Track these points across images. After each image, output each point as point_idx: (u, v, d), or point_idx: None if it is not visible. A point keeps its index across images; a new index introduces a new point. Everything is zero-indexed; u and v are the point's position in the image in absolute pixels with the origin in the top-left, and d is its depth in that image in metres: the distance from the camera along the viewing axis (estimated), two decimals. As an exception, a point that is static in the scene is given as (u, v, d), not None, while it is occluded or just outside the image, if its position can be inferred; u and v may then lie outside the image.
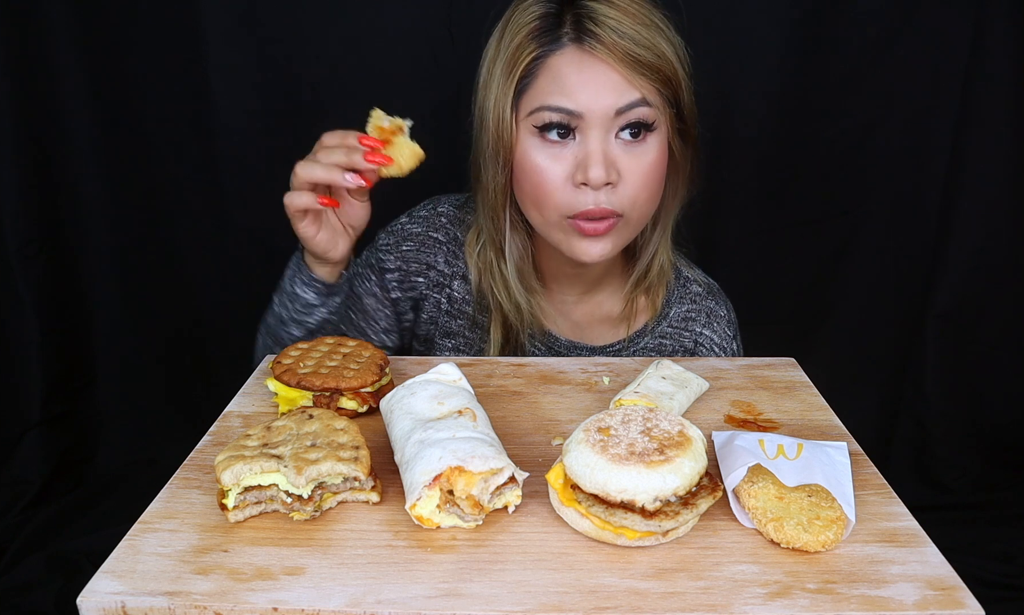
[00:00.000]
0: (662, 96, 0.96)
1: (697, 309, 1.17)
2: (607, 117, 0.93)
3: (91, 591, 0.60)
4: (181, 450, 0.80)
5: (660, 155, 0.98)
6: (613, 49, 0.91)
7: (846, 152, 1.80)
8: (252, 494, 0.68)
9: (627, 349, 1.16)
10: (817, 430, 0.84)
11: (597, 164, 0.92)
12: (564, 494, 0.67)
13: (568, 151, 0.95)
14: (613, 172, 0.94)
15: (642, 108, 0.93)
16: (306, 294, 1.01)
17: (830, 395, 0.91)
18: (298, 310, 1.02)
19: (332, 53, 1.71)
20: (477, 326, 1.15)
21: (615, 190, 0.95)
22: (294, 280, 1.02)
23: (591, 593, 0.59)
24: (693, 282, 1.19)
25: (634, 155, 0.95)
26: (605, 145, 0.93)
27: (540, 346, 1.16)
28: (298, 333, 1.05)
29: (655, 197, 1.01)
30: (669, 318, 1.16)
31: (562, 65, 0.93)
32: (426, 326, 1.19)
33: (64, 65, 1.72)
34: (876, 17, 1.68)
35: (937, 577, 0.60)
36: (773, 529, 0.64)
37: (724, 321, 1.18)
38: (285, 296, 1.03)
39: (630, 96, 0.92)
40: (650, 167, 0.96)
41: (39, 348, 1.86)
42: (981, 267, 1.87)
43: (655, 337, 1.16)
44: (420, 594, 0.59)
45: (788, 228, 1.87)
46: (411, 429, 0.74)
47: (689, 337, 1.16)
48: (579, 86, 0.92)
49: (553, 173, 0.95)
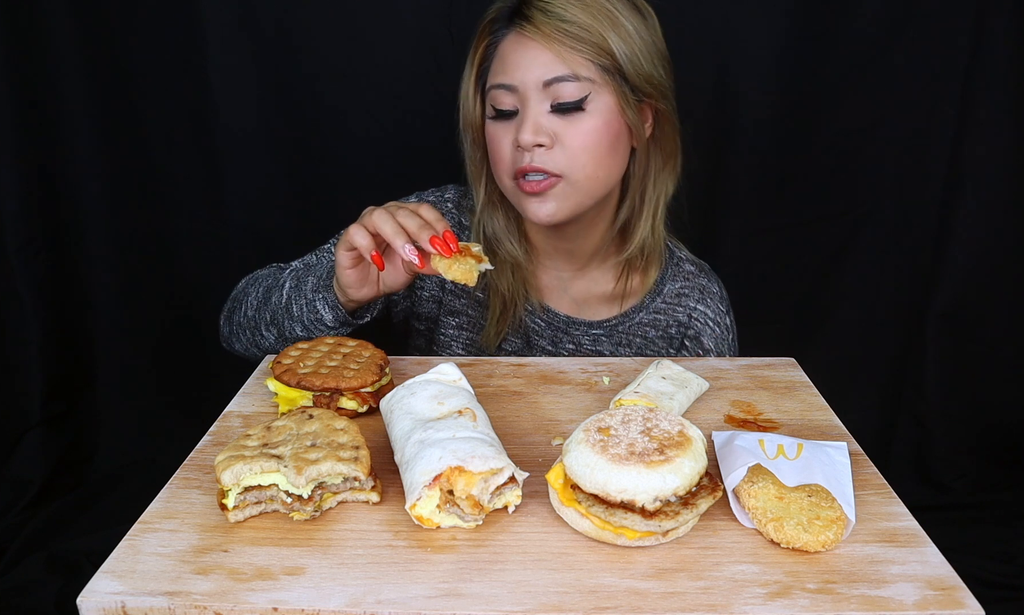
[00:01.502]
0: (598, 67, 1.04)
1: (690, 286, 1.24)
2: (538, 88, 1.04)
3: (91, 591, 0.60)
4: (181, 450, 0.80)
5: (602, 123, 1.05)
6: (542, 27, 1.02)
7: (846, 152, 1.80)
8: (252, 494, 0.68)
9: (623, 324, 1.22)
10: (817, 430, 0.84)
11: (527, 129, 1.04)
12: (564, 494, 0.67)
13: (514, 124, 1.07)
14: (543, 135, 1.04)
15: (570, 82, 1.03)
16: (325, 313, 1.04)
17: (830, 395, 0.91)
18: (311, 320, 1.05)
19: (332, 52, 1.70)
20: (480, 304, 1.22)
21: (550, 152, 1.05)
22: (317, 293, 1.04)
23: (591, 593, 0.59)
24: (686, 261, 1.27)
25: (570, 122, 1.04)
26: (538, 113, 1.04)
27: (540, 322, 1.22)
28: (301, 333, 1.07)
29: (603, 162, 1.08)
30: (663, 294, 1.23)
31: (505, 48, 1.07)
32: (428, 305, 1.26)
33: (64, 65, 1.72)
34: (876, 17, 1.67)
35: (937, 577, 0.61)
36: (773, 529, 0.64)
37: (717, 297, 1.26)
38: (304, 301, 1.05)
39: (557, 70, 1.03)
40: (589, 132, 1.05)
41: (39, 348, 1.86)
42: (981, 267, 1.86)
43: (650, 312, 1.23)
44: (420, 594, 0.59)
45: (788, 228, 1.86)
46: (411, 429, 0.74)
47: (683, 311, 1.24)
48: (514, 64, 1.05)
49: (503, 142, 1.08)
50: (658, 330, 1.23)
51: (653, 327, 1.23)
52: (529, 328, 1.22)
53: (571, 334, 1.23)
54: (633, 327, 1.22)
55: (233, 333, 1.17)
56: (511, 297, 1.18)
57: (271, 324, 1.09)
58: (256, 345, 1.13)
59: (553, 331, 1.23)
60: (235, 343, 1.17)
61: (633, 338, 1.23)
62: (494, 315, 1.19)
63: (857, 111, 1.76)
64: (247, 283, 1.19)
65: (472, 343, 1.24)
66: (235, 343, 1.17)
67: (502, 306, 1.19)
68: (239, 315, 1.15)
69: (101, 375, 2.01)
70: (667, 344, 1.23)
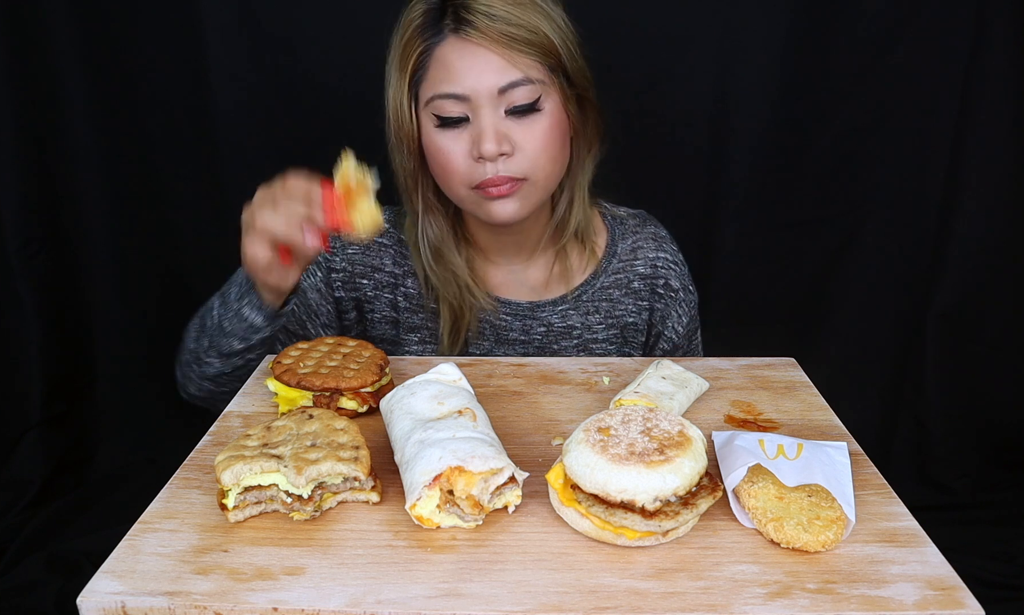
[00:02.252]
0: (545, 67, 1.03)
1: (641, 237, 1.26)
2: (492, 96, 1.01)
3: (91, 591, 0.60)
4: (181, 450, 0.80)
5: (554, 122, 1.05)
6: (488, 32, 0.99)
7: (846, 152, 1.80)
8: (252, 494, 0.68)
9: (586, 292, 1.23)
10: (817, 430, 0.84)
11: (489, 140, 1.01)
12: (564, 494, 0.67)
13: (465, 131, 1.04)
14: (506, 144, 1.02)
15: (524, 86, 1.01)
16: (254, 317, 1.00)
17: (830, 395, 0.91)
18: (243, 329, 1.01)
19: (331, 52, 1.71)
20: (438, 316, 1.20)
21: (512, 159, 1.03)
22: (242, 301, 1.01)
23: (591, 593, 0.59)
24: (627, 218, 1.28)
25: (525, 126, 1.03)
26: (495, 121, 1.02)
27: (505, 316, 1.22)
28: (239, 346, 1.03)
29: (557, 159, 1.09)
30: (618, 254, 1.25)
31: (446, 54, 1.02)
32: (382, 327, 1.24)
33: (64, 65, 1.72)
34: (876, 17, 1.67)
35: (937, 577, 0.60)
36: (773, 529, 0.64)
37: (667, 240, 1.28)
38: (231, 313, 1.02)
39: (511, 75, 1.01)
40: (544, 133, 1.04)
41: (39, 348, 1.86)
42: (981, 267, 1.87)
43: (609, 274, 1.24)
44: (420, 594, 0.59)
45: (788, 228, 1.87)
46: (411, 429, 0.74)
47: (642, 263, 1.25)
48: (463, 72, 1.01)
49: (455, 153, 1.04)
50: (621, 289, 1.24)
51: (616, 287, 1.24)
52: (496, 326, 1.22)
53: (538, 317, 1.22)
54: (597, 293, 1.23)
55: (184, 376, 1.12)
56: (459, 306, 1.17)
57: (210, 349, 1.05)
58: (204, 376, 1.08)
59: (521, 320, 1.22)
60: (189, 386, 1.13)
61: (600, 303, 1.23)
62: (446, 327, 1.18)
63: (857, 111, 1.76)
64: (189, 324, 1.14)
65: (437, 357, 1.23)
66: (189, 386, 1.13)
67: (452, 317, 1.17)
68: (184, 354, 1.11)
69: (101, 375, 2.01)
70: (635, 298, 1.24)
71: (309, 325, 1.20)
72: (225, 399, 1.11)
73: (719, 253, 1.87)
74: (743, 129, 1.77)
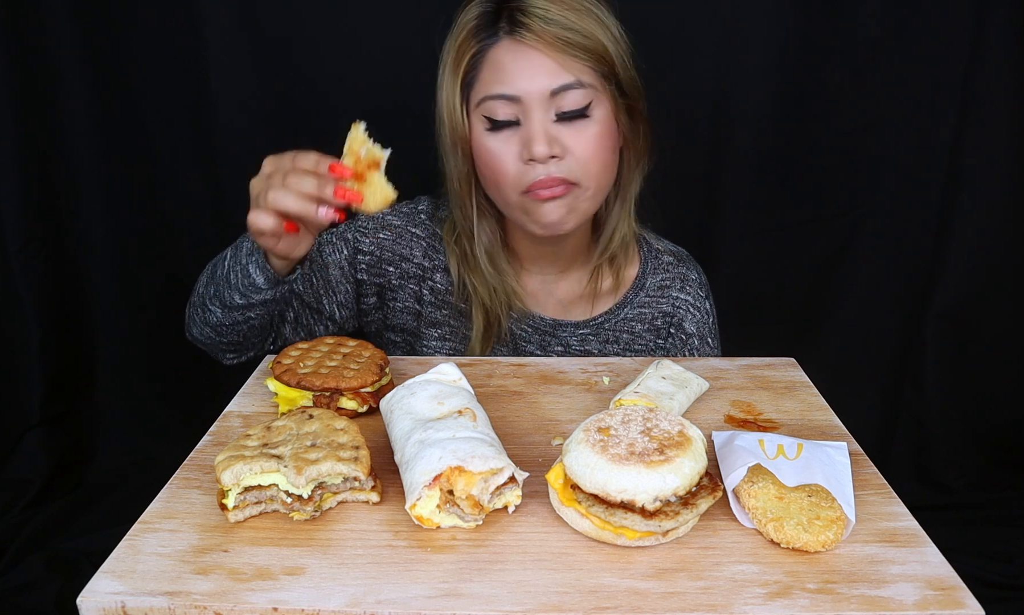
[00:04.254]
0: (598, 74, 1.03)
1: (671, 277, 1.26)
2: (544, 98, 1.01)
3: (91, 591, 0.60)
4: (181, 450, 0.80)
5: (605, 128, 1.05)
6: (543, 35, 0.99)
7: (846, 152, 1.80)
8: (252, 494, 0.68)
9: (609, 321, 1.23)
10: (817, 430, 0.84)
11: (539, 141, 1.01)
12: (564, 494, 0.67)
13: (516, 134, 1.04)
14: (556, 146, 1.02)
15: (576, 90, 1.01)
16: (256, 277, 0.99)
17: (830, 395, 0.91)
18: (246, 285, 1.00)
19: (331, 52, 1.70)
20: (462, 315, 1.21)
21: (562, 162, 1.03)
22: (250, 257, 1.00)
23: (591, 593, 0.59)
24: (664, 253, 1.28)
25: (577, 129, 1.03)
26: (545, 123, 1.02)
27: (527, 328, 1.22)
28: (240, 301, 1.02)
29: (608, 167, 1.09)
30: (646, 288, 1.25)
31: (499, 56, 1.03)
32: (403, 317, 1.24)
33: (64, 65, 1.72)
34: (876, 17, 1.67)
35: (937, 577, 0.61)
36: (773, 529, 0.64)
37: (696, 284, 1.27)
38: (239, 266, 1.01)
39: (563, 78, 1.01)
40: (595, 139, 1.04)
41: (39, 348, 1.86)
42: (981, 267, 1.87)
43: (634, 307, 1.24)
44: (420, 594, 0.59)
45: (788, 228, 1.86)
46: (411, 429, 0.74)
47: (667, 302, 1.25)
48: (515, 73, 1.01)
49: (505, 155, 1.04)
50: (644, 324, 1.24)
51: (639, 321, 1.24)
52: (516, 335, 1.22)
53: (559, 337, 1.23)
54: (619, 323, 1.23)
55: (190, 317, 1.12)
56: (494, 312, 1.17)
57: (215, 297, 1.04)
58: (206, 323, 1.08)
59: (540, 336, 1.23)
60: (192, 328, 1.13)
61: (620, 334, 1.24)
62: (478, 332, 1.18)
63: (857, 111, 1.76)
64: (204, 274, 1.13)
65: (456, 354, 1.23)
66: (192, 328, 1.13)
67: (486, 322, 1.17)
68: (194, 296, 1.11)
69: (101, 375, 2.01)
70: (654, 336, 1.25)
71: (325, 300, 1.20)
72: (224, 352, 1.12)
73: (719, 253, 1.86)
74: (743, 129, 1.77)
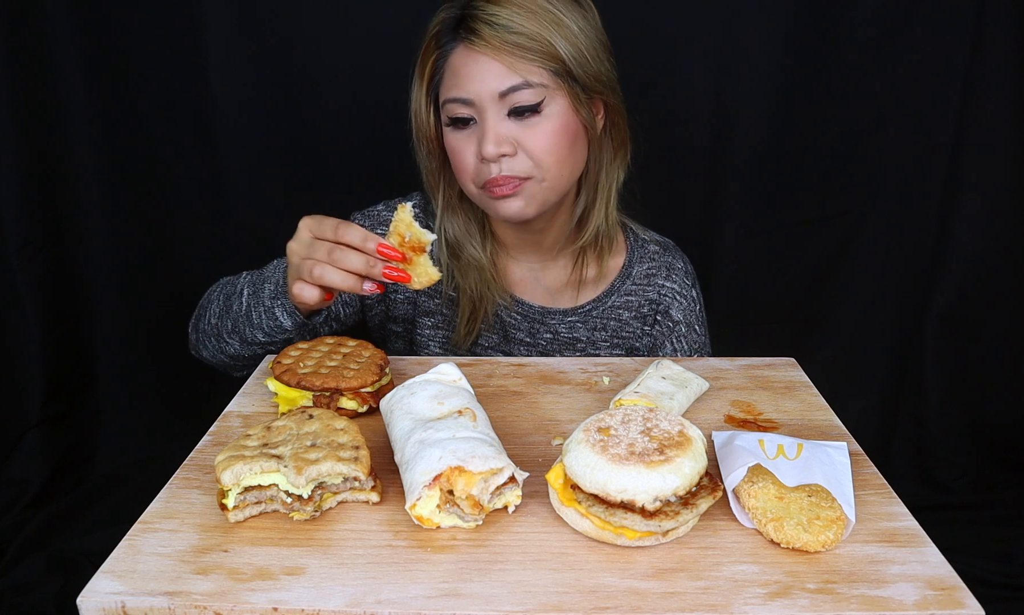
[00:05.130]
0: (549, 72, 1.06)
1: (657, 265, 1.29)
2: (494, 99, 1.06)
3: (91, 591, 0.60)
4: (181, 450, 0.80)
5: (560, 123, 1.08)
6: (491, 40, 1.04)
7: (846, 152, 1.80)
8: (252, 494, 0.68)
9: (597, 308, 1.26)
10: (817, 430, 0.84)
11: (489, 142, 1.06)
12: (564, 494, 0.67)
13: (473, 133, 1.09)
14: (506, 145, 1.07)
15: (525, 90, 1.05)
16: (284, 321, 1.04)
17: (830, 395, 0.91)
18: (271, 327, 1.05)
19: (331, 52, 1.71)
20: (453, 303, 1.24)
21: (514, 159, 1.08)
22: (275, 301, 1.04)
23: (591, 593, 0.59)
24: (650, 243, 1.32)
25: (530, 126, 1.07)
26: (497, 124, 1.06)
27: (516, 315, 1.25)
28: (263, 339, 1.06)
29: (565, 159, 1.11)
30: (632, 277, 1.28)
31: (455, 62, 1.09)
32: (403, 307, 1.29)
33: (64, 65, 1.72)
34: (876, 18, 1.67)
35: (937, 577, 0.61)
36: (773, 529, 0.64)
37: (682, 272, 1.31)
38: (263, 308, 1.05)
39: (511, 80, 1.05)
40: (549, 134, 1.08)
41: (39, 348, 1.86)
42: (981, 267, 1.87)
43: (621, 295, 1.27)
44: (420, 594, 0.59)
45: (788, 228, 1.87)
46: (411, 429, 0.74)
47: (653, 290, 1.28)
48: (468, 77, 1.07)
49: (465, 153, 1.10)
50: (631, 311, 1.27)
51: (626, 309, 1.27)
52: (506, 323, 1.25)
53: (547, 324, 1.26)
54: (607, 311, 1.26)
55: (200, 341, 1.17)
56: (479, 298, 1.21)
57: (232, 332, 1.09)
58: (222, 352, 1.12)
59: (529, 323, 1.26)
60: (202, 350, 1.17)
61: (608, 321, 1.26)
62: (463, 316, 1.22)
63: (857, 111, 1.76)
64: (212, 291, 1.18)
65: (449, 341, 1.27)
66: (202, 350, 1.17)
67: (471, 308, 1.21)
68: (204, 323, 1.15)
69: (101, 375, 2.01)
70: (641, 323, 1.28)
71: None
72: (235, 371, 1.16)
73: (719, 253, 1.87)
74: (743, 129, 1.77)
